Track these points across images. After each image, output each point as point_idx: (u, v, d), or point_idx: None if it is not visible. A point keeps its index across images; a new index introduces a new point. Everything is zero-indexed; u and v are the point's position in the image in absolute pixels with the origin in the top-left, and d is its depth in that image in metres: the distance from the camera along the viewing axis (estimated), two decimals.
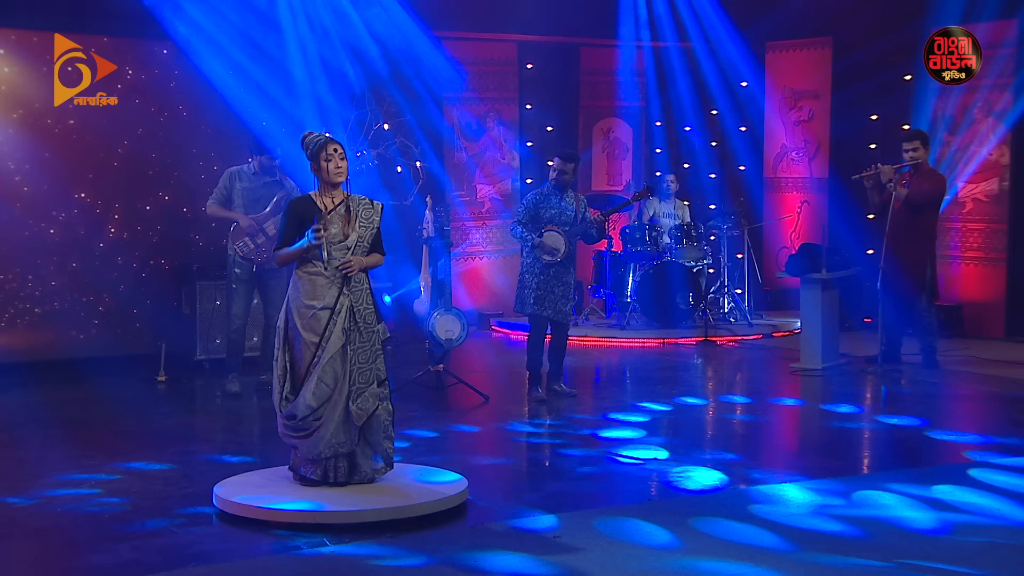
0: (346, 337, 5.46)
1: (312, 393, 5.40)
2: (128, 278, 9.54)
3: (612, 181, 13.05)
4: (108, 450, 6.60)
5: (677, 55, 12.72)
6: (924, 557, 4.72)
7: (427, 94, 11.51)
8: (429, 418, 7.61)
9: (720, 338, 10.98)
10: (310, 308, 5.44)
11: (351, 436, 5.50)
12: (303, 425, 5.44)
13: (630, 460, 6.34)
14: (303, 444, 5.48)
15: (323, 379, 5.41)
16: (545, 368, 8.21)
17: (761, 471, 6.15)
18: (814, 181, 12.57)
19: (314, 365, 5.41)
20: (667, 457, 6.44)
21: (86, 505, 5.49)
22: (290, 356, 5.49)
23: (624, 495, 5.80)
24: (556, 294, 8.01)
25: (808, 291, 9.27)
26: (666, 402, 8.04)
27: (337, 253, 5.48)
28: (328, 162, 5.53)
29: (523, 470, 6.39)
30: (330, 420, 5.44)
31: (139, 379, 8.88)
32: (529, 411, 7.85)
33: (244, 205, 8.22)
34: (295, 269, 5.53)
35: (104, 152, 9.45)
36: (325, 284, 5.46)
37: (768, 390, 8.78)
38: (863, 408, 8.00)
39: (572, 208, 8.12)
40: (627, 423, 7.36)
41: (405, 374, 8.54)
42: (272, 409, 5.65)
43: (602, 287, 11.69)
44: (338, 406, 5.46)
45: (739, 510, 5.35)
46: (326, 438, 5.44)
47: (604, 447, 6.71)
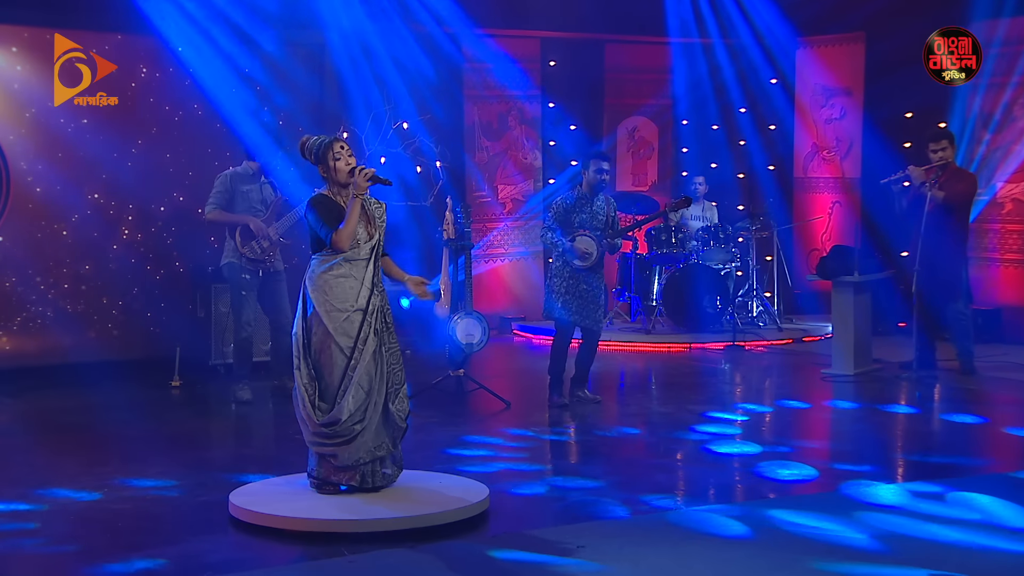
0: (378, 339, 5.48)
1: (352, 397, 5.40)
2: (142, 281, 9.59)
3: (637, 181, 13.02)
4: (120, 456, 6.63)
5: (704, 51, 12.69)
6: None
7: (447, 90, 11.55)
8: (448, 424, 7.61)
9: (749, 343, 10.94)
10: (343, 311, 5.43)
11: (387, 439, 5.52)
12: (343, 431, 5.41)
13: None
14: (342, 451, 5.44)
15: (360, 383, 5.41)
16: (569, 373, 8.20)
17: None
18: (846, 181, 12.51)
19: (352, 369, 5.41)
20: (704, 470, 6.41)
21: (97, 513, 5.51)
22: (314, 364, 5.47)
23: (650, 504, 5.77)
24: (586, 299, 8.00)
25: (840, 294, 9.22)
26: (698, 408, 8.02)
27: (364, 253, 5.48)
28: (338, 160, 5.53)
29: (546, 478, 6.37)
30: (372, 423, 5.45)
31: (153, 384, 8.92)
32: (550, 417, 7.84)
33: (250, 207, 8.21)
34: (319, 272, 5.48)
35: (118, 152, 9.50)
36: (355, 285, 5.46)
37: (797, 396, 8.74)
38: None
39: (603, 211, 8.11)
40: (654, 429, 7.34)
41: (424, 379, 8.55)
42: (288, 415, 5.65)
43: (627, 290, 11.67)
44: (378, 408, 5.47)
45: (762, 519, 5.32)
46: (367, 443, 5.45)
47: (631, 453, 6.68)
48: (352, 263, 5.48)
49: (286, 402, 7.71)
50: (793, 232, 12.77)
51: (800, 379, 9.52)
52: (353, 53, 10.76)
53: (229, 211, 8.20)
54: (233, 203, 8.21)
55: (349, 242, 5.44)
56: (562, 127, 12.47)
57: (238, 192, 8.20)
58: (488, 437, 7.26)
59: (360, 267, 5.50)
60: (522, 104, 12.31)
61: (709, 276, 11.18)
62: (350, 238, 5.44)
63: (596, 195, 8.08)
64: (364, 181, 5.47)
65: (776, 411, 8.12)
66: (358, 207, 5.45)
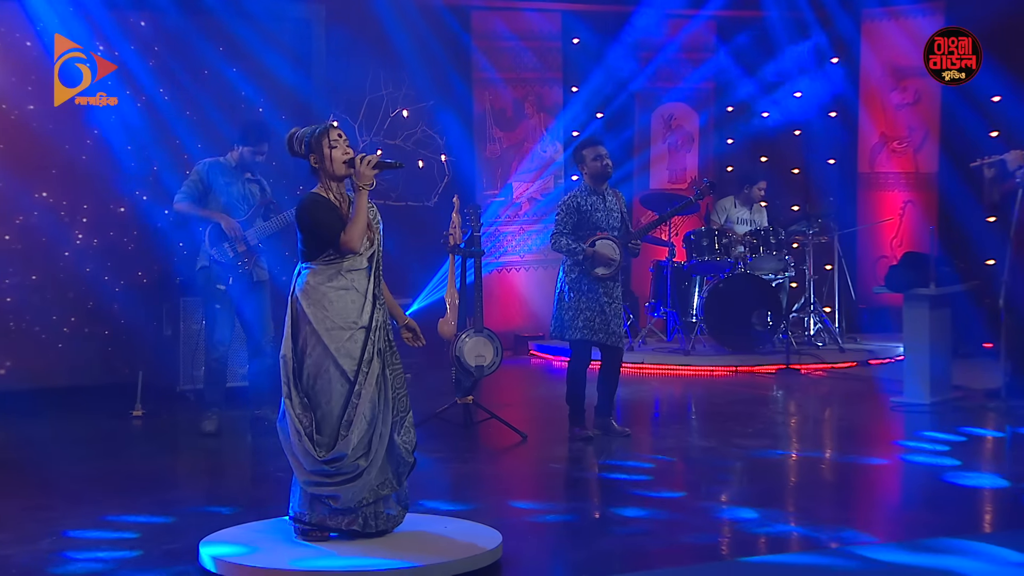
0: (382, 360, 5.47)
1: (357, 428, 5.39)
2: (98, 293, 9.60)
3: (674, 177, 13.02)
4: (72, 499, 6.61)
5: (750, 27, 12.67)
6: None
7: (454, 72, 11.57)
8: (456, 459, 7.59)
9: (805, 366, 10.90)
10: (345, 329, 5.42)
11: (395, 476, 5.52)
12: (346, 467, 5.40)
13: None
14: (345, 491, 5.42)
15: (363, 411, 5.40)
16: (592, 401, 8.17)
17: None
18: (920, 176, 12.47)
19: (356, 395, 5.40)
20: (753, 515, 6.38)
21: (45, 565, 5.48)
22: (308, 391, 5.45)
23: (690, 554, 5.75)
24: (608, 314, 7.98)
25: (913, 309, 9.18)
26: (749, 444, 7.99)
27: (365, 262, 5.48)
28: (334, 149, 5.52)
29: (566, 523, 6.35)
30: (378, 457, 5.45)
31: (111, 414, 8.91)
32: (572, 452, 7.81)
33: (229, 204, 8.21)
34: (315, 283, 5.44)
35: (70, 144, 9.53)
36: (358, 299, 5.45)
37: (862, 429, 8.70)
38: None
39: (617, 208, 8.10)
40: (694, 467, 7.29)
41: (428, 407, 8.53)
42: (267, 449, 5.66)
43: (662, 304, 11.65)
44: (384, 440, 5.46)
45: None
46: (371, 481, 5.44)
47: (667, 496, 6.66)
48: (354, 273, 5.47)
49: (265, 435, 7.73)
50: (857, 237, 12.73)
51: (866, 409, 9.47)
52: (346, 26, 10.81)
53: (202, 207, 8.20)
54: (207, 197, 8.21)
55: (361, 241, 5.43)
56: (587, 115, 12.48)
57: (215, 185, 8.20)
58: (501, 474, 7.24)
59: (361, 278, 5.49)
60: (540, 89, 12.32)
61: (758, 288, 11.15)
62: (362, 236, 5.43)
63: (605, 188, 8.08)
64: (369, 170, 5.44)
65: (839, 448, 8.06)
66: (364, 200, 5.44)
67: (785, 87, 12.81)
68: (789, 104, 12.84)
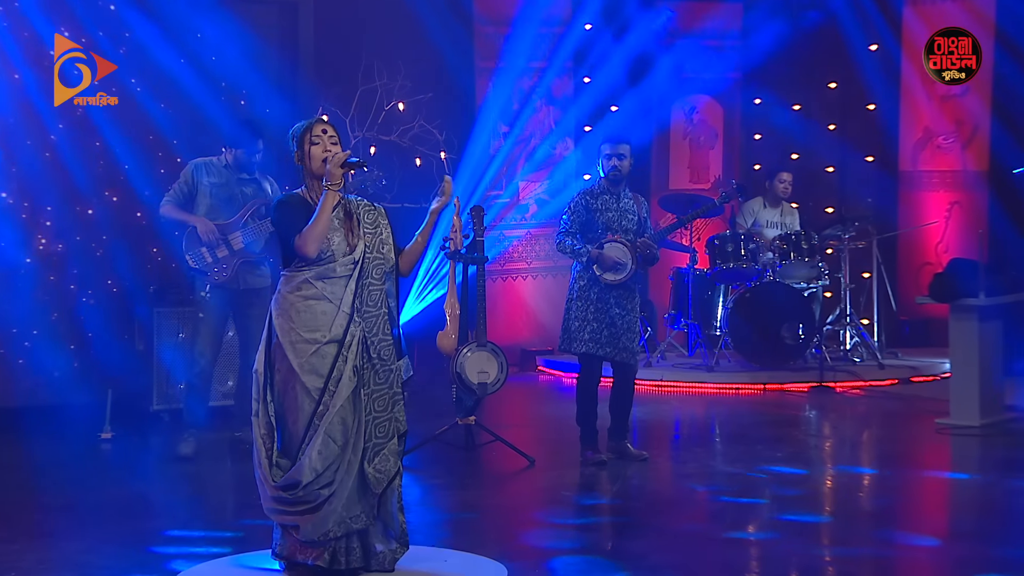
0: (358, 379, 5.46)
1: (318, 452, 5.36)
2: (63, 304, 9.61)
3: (696, 177, 13.04)
4: (32, 531, 6.60)
5: (780, 11, 12.69)
6: None
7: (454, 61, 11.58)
8: (457, 486, 7.59)
9: (840, 383, 10.91)
10: (311, 343, 5.41)
11: (367, 507, 5.49)
12: (307, 496, 5.38)
13: None
14: (306, 522, 5.42)
15: (330, 434, 5.38)
16: (604, 422, 8.18)
17: None
18: (968, 175, 12.48)
19: (319, 416, 5.39)
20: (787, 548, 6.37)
21: None
22: (276, 407, 5.46)
23: None
24: (618, 327, 7.98)
25: (960, 322, 9.18)
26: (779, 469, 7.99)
27: (342, 269, 5.48)
28: (315, 145, 5.53)
29: (577, 556, 6.35)
30: (343, 487, 5.41)
31: (77, 436, 8.92)
32: (584, 478, 7.81)
33: (214, 206, 8.25)
34: (285, 292, 5.48)
35: (33, 139, 9.55)
36: (330, 310, 5.44)
37: (905, 453, 8.70)
38: None
39: (633, 211, 8.10)
40: (718, 495, 7.29)
41: (425, 428, 8.54)
42: (252, 475, 5.63)
43: (683, 316, 11.66)
44: (352, 468, 5.43)
45: None
46: (338, 511, 5.42)
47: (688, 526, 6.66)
48: (326, 282, 5.45)
49: (246, 459, 7.72)
50: (898, 241, 12.73)
51: (908, 431, 9.48)
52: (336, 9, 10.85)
53: (187, 209, 8.26)
54: (192, 199, 8.27)
55: (316, 246, 5.41)
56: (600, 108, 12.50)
57: (201, 186, 8.26)
58: (506, 502, 7.24)
59: (337, 287, 5.47)
60: (549, 79, 12.34)
61: (789, 298, 11.15)
62: (318, 241, 5.41)
63: (621, 190, 8.09)
64: (336, 168, 5.44)
65: (878, 475, 8.07)
66: (330, 202, 5.42)
67: (818, 77, 12.82)
68: (823, 96, 12.86)
